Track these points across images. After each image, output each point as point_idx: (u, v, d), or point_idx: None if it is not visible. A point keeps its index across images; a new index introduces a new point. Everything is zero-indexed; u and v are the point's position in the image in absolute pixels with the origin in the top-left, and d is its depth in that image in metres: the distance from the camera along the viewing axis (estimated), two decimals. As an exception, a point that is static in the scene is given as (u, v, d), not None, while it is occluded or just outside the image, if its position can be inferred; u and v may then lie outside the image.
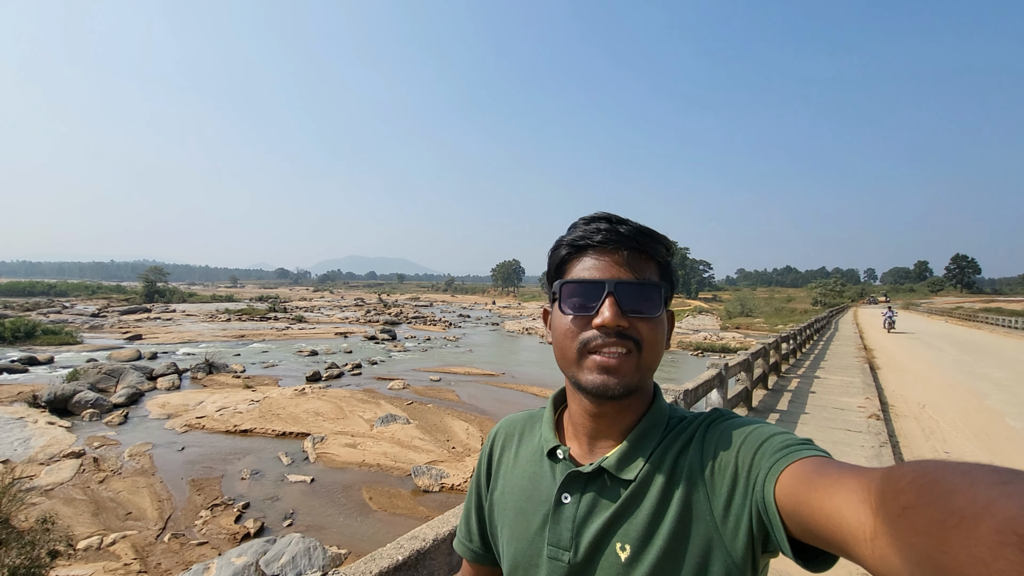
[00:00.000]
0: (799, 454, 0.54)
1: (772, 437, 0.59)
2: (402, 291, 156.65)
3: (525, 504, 0.74)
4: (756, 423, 0.64)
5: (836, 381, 10.13)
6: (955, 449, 6.45)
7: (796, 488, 0.50)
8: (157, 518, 7.47)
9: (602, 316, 0.64)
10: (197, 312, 49.21)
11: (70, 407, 13.08)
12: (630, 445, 0.68)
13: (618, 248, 0.67)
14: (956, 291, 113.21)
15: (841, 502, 0.43)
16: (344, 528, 7.27)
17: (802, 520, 0.48)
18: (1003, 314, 41.94)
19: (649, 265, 0.68)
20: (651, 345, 0.65)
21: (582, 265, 0.69)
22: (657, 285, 0.66)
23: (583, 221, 0.71)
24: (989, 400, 9.10)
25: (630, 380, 0.65)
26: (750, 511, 0.56)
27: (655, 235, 0.69)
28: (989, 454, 6.25)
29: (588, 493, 0.68)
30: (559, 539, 0.68)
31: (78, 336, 27.21)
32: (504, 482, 0.79)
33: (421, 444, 10.62)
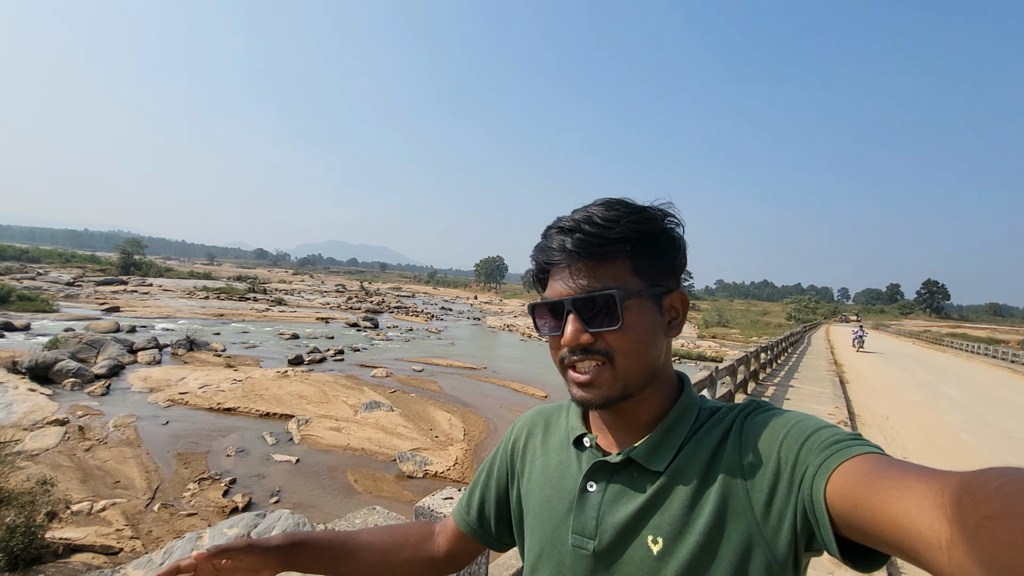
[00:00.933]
0: (852, 451, 0.51)
1: (819, 431, 0.56)
2: (384, 280, 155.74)
3: (551, 492, 0.74)
4: (798, 415, 0.62)
5: (808, 391, 10.81)
6: (913, 456, 7.01)
7: (852, 489, 0.47)
8: (145, 488, 7.62)
9: (564, 336, 0.64)
10: (174, 288, 48.44)
11: (51, 375, 13.01)
12: (659, 436, 0.67)
13: (574, 261, 0.65)
14: (925, 315, 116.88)
15: (910, 506, 0.40)
16: (330, 508, 7.51)
17: (859, 522, 0.46)
18: (968, 339, 43.88)
19: (611, 269, 0.64)
20: (624, 353, 0.64)
21: (550, 283, 0.69)
22: (611, 294, 0.62)
23: (551, 232, 0.68)
24: (947, 416, 9.82)
25: (608, 391, 0.64)
26: (795, 508, 0.54)
27: (611, 232, 0.63)
28: (942, 461, 6.80)
29: (615, 483, 0.68)
30: (583, 527, 0.68)
31: (54, 304, 26.74)
32: (531, 471, 0.79)
33: (405, 432, 10.88)
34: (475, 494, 0.87)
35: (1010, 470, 0.34)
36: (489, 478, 0.86)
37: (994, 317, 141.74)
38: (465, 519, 0.87)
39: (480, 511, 0.86)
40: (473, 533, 0.86)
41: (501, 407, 14.07)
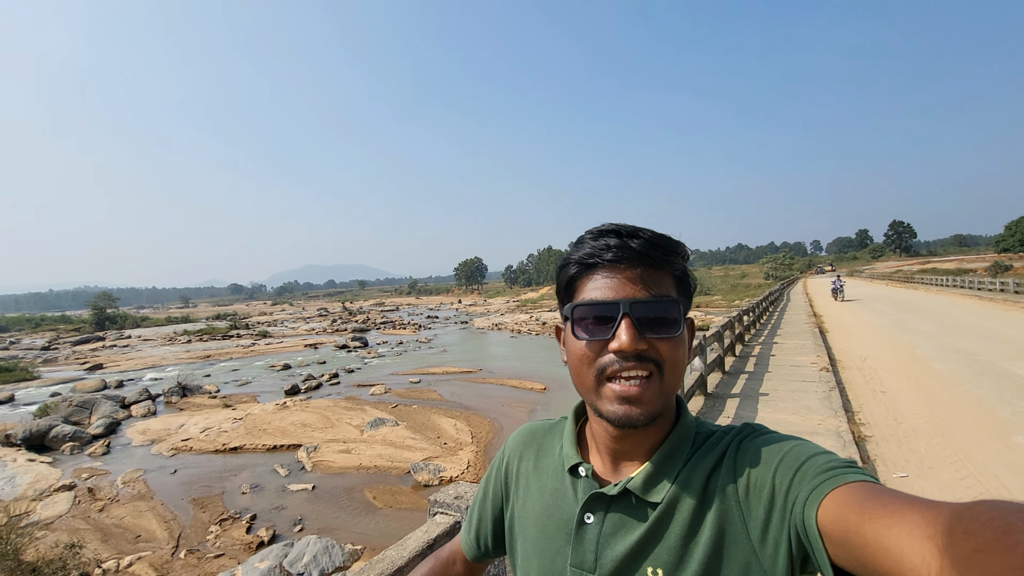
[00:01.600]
0: (844, 478, 0.51)
1: (813, 457, 0.56)
2: (365, 297, 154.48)
3: (546, 522, 0.72)
4: (792, 440, 0.61)
5: (791, 344, 11.40)
6: (889, 389, 7.54)
7: (845, 515, 0.47)
8: (168, 537, 7.68)
9: (619, 340, 0.60)
10: (154, 336, 47.56)
11: (47, 442, 12.86)
12: (656, 466, 0.65)
13: (631, 264, 0.63)
14: (896, 255, 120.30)
15: (902, 536, 0.41)
16: (354, 527, 7.67)
17: (852, 550, 0.46)
18: (937, 273, 45.59)
19: (665, 279, 0.64)
20: (673, 366, 0.62)
21: (593, 284, 0.64)
22: (676, 301, 0.62)
23: (590, 235, 0.66)
24: (919, 350, 10.44)
25: (653, 407, 0.61)
26: (788, 534, 0.54)
27: (670, 245, 0.64)
28: (916, 391, 7.33)
29: (612, 514, 0.66)
30: (582, 560, 0.66)
31: (34, 371, 26.13)
32: (524, 495, 0.77)
33: (413, 443, 11.05)
34: (475, 517, 0.87)
35: (1000, 504, 0.35)
36: (485, 498, 0.85)
37: (960, 248, 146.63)
38: (467, 540, 0.87)
39: (478, 533, 0.85)
40: (475, 557, 0.87)
41: (503, 406, 14.30)
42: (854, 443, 5.10)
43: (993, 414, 6.05)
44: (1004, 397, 6.69)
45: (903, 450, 5.19)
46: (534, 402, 14.53)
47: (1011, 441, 5.14)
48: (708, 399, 6.83)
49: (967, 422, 5.88)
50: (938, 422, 5.95)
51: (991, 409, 6.23)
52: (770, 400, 6.81)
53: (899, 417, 6.25)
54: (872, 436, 5.61)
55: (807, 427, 5.55)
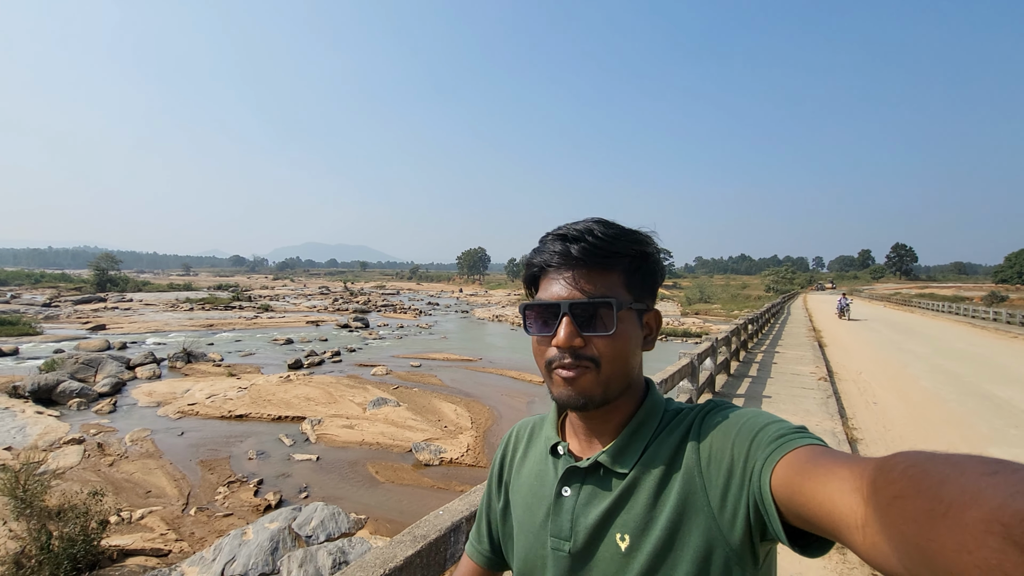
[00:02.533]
0: (794, 443, 0.55)
1: (767, 426, 0.60)
2: (366, 279, 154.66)
3: (531, 500, 0.78)
4: (750, 412, 0.66)
5: (792, 355, 11.93)
6: (881, 400, 8.07)
7: (791, 478, 0.51)
8: (177, 495, 7.96)
9: (557, 337, 0.67)
10: (156, 301, 47.79)
11: (54, 396, 13.14)
12: (624, 440, 0.71)
13: (574, 268, 0.69)
14: (895, 278, 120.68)
15: (834, 491, 0.45)
16: (358, 498, 7.95)
17: (796, 508, 0.50)
18: (935, 299, 45.89)
19: (608, 279, 0.69)
20: (610, 360, 0.68)
21: (544, 285, 0.72)
22: (610, 302, 0.67)
23: (549, 239, 0.73)
24: (909, 368, 11.03)
25: (591, 393, 0.68)
26: (747, 501, 0.58)
27: (614, 247, 0.69)
28: (904, 404, 7.85)
29: (586, 486, 0.71)
30: (560, 530, 0.71)
31: (37, 327, 26.38)
32: (516, 482, 0.83)
33: (415, 424, 11.34)
34: (483, 521, 0.89)
35: (915, 454, 0.38)
36: (490, 498, 0.89)
37: (959, 275, 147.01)
38: (477, 549, 0.89)
39: (490, 536, 0.88)
40: (488, 563, 0.88)
41: (502, 395, 14.59)
42: (847, 442, 5.58)
43: (973, 429, 6.56)
44: (984, 415, 7.19)
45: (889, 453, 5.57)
46: (533, 394, 14.81)
47: (986, 452, 5.44)
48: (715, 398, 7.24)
49: (949, 434, 6.39)
50: (923, 432, 6.46)
51: (972, 425, 6.74)
52: (772, 402, 7.28)
53: (888, 425, 6.74)
54: (863, 439, 6.08)
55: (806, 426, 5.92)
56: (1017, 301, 46.17)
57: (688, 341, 27.60)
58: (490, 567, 0.88)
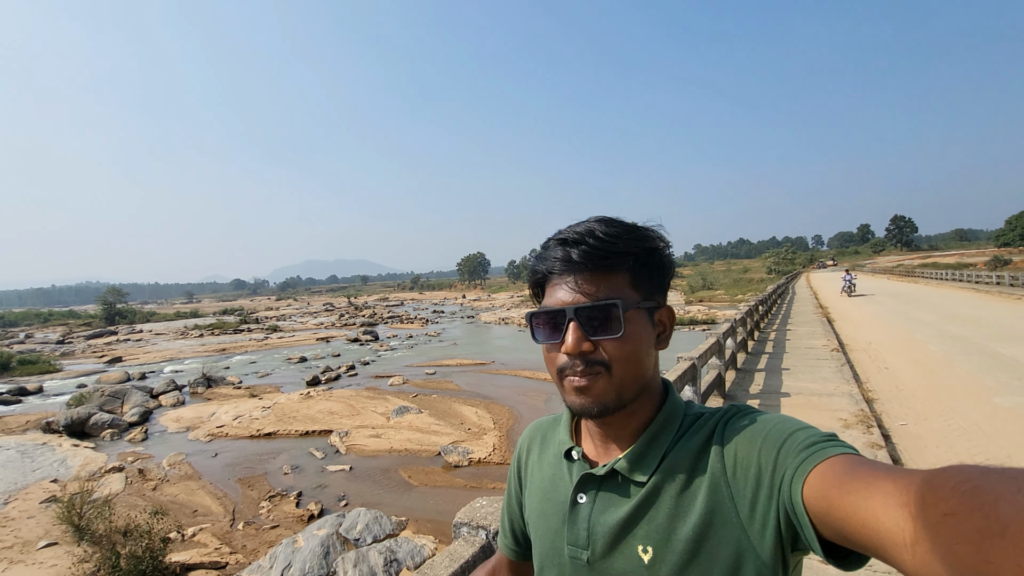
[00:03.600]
0: (826, 452, 0.53)
1: (795, 433, 0.58)
2: (368, 292, 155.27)
3: (545, 505, 0.77)
4: (776, 417, 0.63)
5: (803, 331, 12.62)
6: (892, 365, 8.68)
7: (827, 490, 0.49)
8: (223, 512, 8.32)
9: (566, 344, 0.66)
10: (165, 330, 48.31)
11: (87, 429, 13.52)
12: (642, 447, 0.69)
13: (577, 273, 0.68)
14: (897, 250, 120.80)
15: (878, 506, 0.42)
16: (395, 502, 8.30)
17: (834, 523, 0.47)
18: (938, 268, 46.26)
19: (614, 280, 0.68)
20: (621, 362, 0.66)
21: (550, 291, 0.71)
22: (615, 304, 0.65)
23: (551, 244, 0.72)
24: (918, 335, 11.61)
25: (604, 399, 0.66)
26: (777, 512, 0.56)
27: (615, 248, 0.67)
28: (914, 366, 8.46)
29: (603, 493, 0.70)
30: (576, 538, 0.70)
31: (55, 364, 26.80)
32: (530, 484, 0.83)
33: (439, 428, 11.69)
34: (505, 518, 0.91)
35: (967, 468, 0.36)
36: (510, 498, 0.90)
37: (961, 242, 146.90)
38: (505, 543, 0.91)
39: (513, 532, 0.89)
40: (518, 556, 0.90)
41: (519, 395, 14.94)
42: (864, 401, 6.17)
43: (979, 383, 7.12)
44: (989, 370, 7.74)
45: (903, 408, 6.31)
46: (549, 391, 15.15)
47: (991, 401, 6.28)
48: (739, 374, 8.02)
49: (956, 389, 6.93)
50: (932, 389, 7.02)
51: (977, 379, 7.29)
52: (791, 372, 7.91)
53: (900, 385, 7.32)
54: (878, 398, 6.69)
55: (825, 390, 6.75)
56: (1021, 263, 46.47)
57: (696, 329, 27.91)
58: (519, 559, 0.90)
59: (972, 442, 5.24)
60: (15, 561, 6.74)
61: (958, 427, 5.56)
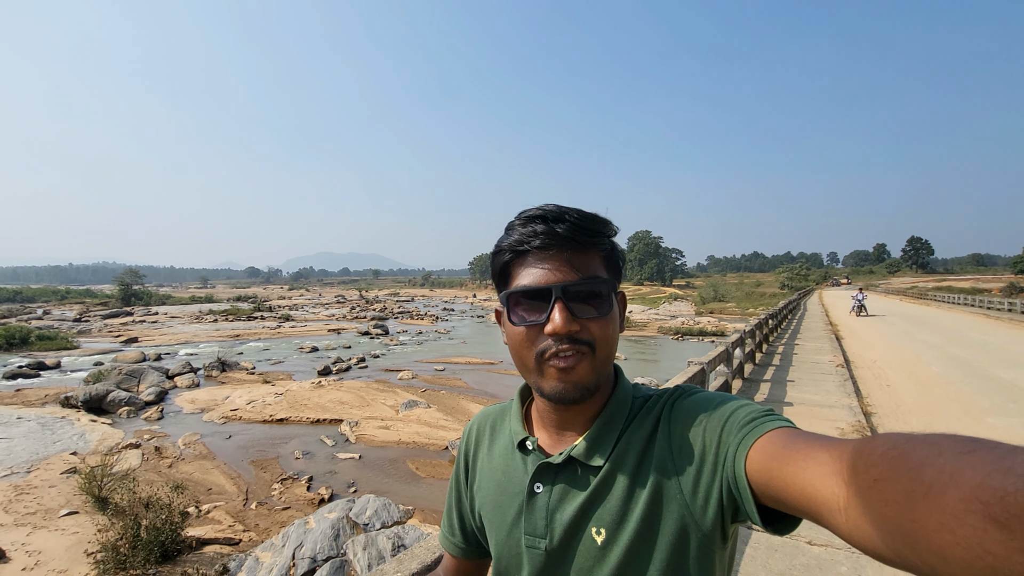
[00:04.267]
0: (765, 427, 0.56)
1: (736, 411, 0.61)
2: (379, 287, 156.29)
3: (500, 497, 0.76)
4: (718, 397, 0.65)
5: (811, 347, 12.85)
6: (893, 383, 9.01)
7: (767, 463, 0.52)
8: (236, 491, 8.60)
9: (553, 323, 0.63)
10: (180, 314, 49.09)
11: (104, 406, 13.91)
12: (597, 432, 0.69)
13: (560, 249, 0.65)
14: (912, 272, 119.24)
15: (814, 475, 0.45)
16: (403, 491, 8.52)
17: (774, 492, 0.51)
18: (952, 292, 45.73)
19: (593, 259, 0.67)
20: (604, 343, 0.66)
21: (526, 271, 0.67)
22: (605, 280, 0.66)
23: (519, 222, 0.69)
24: (923, 356, 11.87)
25: (588, 383, 0.65)
26: (720, 486, 0.58)
27: (596, 225, 0.66)
28: (915, 385, 8.79)
29: (559, 482, 0.70)
30: (534, 528, 0.70)
31: (73, 341, 27.43)
32: (480, 477, 0.81)
33: (447, 424, 11.91)
34: (452, 515, 0.88)
35: (894, 436, 0.39)
36: (459, 493, 0.87)
37: (977, 267, 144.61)
38: (452, 542, 0.87)
39: (462, 529, 0.86)
40: (464, 553, 0.86)
41: (527, 395, 15.12)
42: (862, 414, 6.51)
43: (975, 404, 7.47)
44: (987, 393, 8.03)
45: (899, 422, 6.66)
46: (556, 394, 15.32)
47: (984, 420, 6.66)
48: (744, 383, 8.25)
49: (953, 408, 7.28)
50: (929, 406, 7.37)
51: (974, 400, 7.63)
52: (796, 384, 8.16)
53: (898, 402, 7.61)
54: (876, 413, 6.99)
55: (826, 402, 7.05)
56: (1038, 291, 45.72)
57: (704, 340, 27.92)
58: (466, 557, 0.87)
59: None
60: (38, 527, 7.04)
61: None
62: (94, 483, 7.78)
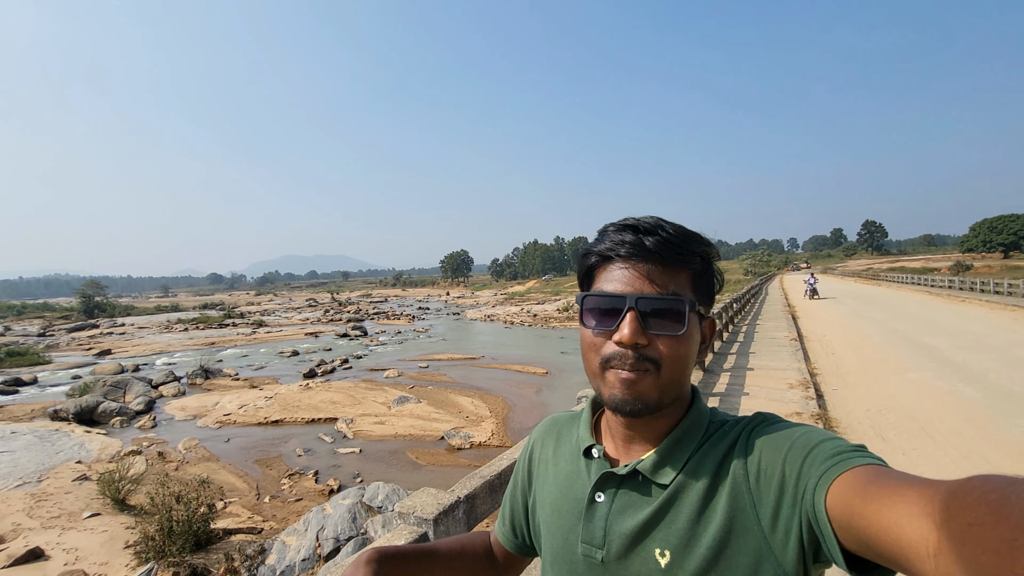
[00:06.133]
0: (852, 462, 0.51)
1: (822, 443, 0.57)
2: (349, 288, 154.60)
3: (561, 501, 0.75)
4: (802, 427, 0.62)
5: (770, 325, 14.94)
6: (837, 352, 10.88)
7: (850, 499, 0.48)
8: (248, 488, 9.10)
9: (621, 332, 0.63)
10: (148, 324, 48.06)
11: (95, 417, 14.07)
12: (666, 449, 0.67)
13: (644, 261, 0.65)
14: (867, 254, 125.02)
15: (901, 515, 0.41)
16: (407, 479, 9.18)
17: (857, 532, 0.47)
18: (904, 271, 48.75)
19: (678, 277, 0.66)
20: (672, 363, 0.64)
21: (607, 276, 0.67)
22: (682, 300, 0.63)
23: (613, 228, 0.68)
24: (865, 330, 14.02)
25: (648, 399, 0.64)
26: (800, 521, 0.55)
27: (688, 244, 0.65)
28: (855, 353, 10.64)
29: (622, 493, 0.69)
30: (592, 537, 0.69)
31: (45, 356, 26.88)
32: (543, 479, 0.81)
33: (439, 416, 12.57)
34: (506, 507, 0.90)
35: (994, 478, 0.35)
36: (515, 489, 0.88)
37: (928, 247, 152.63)
38: (502, 531, 0.90)
39: (512, 523, 0.88)
40: (512, 545, 0.88)
41: (511, 387, 15.88)
42: (808, 374, 8.24)
43: (900, 364, 9.38)
44: (912, 356, 10.01)
45: (838, 380, 8.41)
46: (539, 384, 16.13)
47: (905, 376, 8.51)
48: (715, 356, 9.98)
49: (882, 368, 9.15)
50: (864, 367, 9.28)
51: (900, 362, 9.53)
52: (756, 355, 9.99)
53: (839, 365, 9.49)
54: (820, 373, 8.84)
55: (780, 366, 8.81)
56: (981, 269, 48.96)
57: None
58: (514, 550, 0.88)
59: (880, 401, 7.13)
60: (67, 528, 7.44)
61: (874, 392, 7.59)
62: (113, 486, 8.20)
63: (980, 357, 9.55)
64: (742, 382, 7.81)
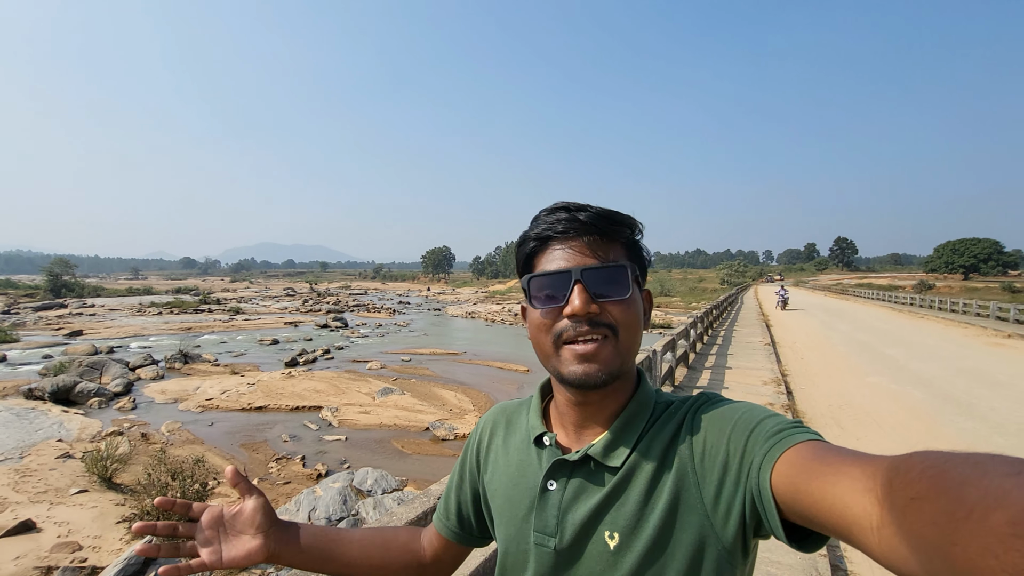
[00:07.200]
0: (793, 439, 0.54)
1: (763, 421, 0.59)
2: (328, 279, 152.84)
3: (512, 491, 0.75)
4: (744, 406, 0.64)
5: (746, 331, 16.43)
6: (806, 357, 12.24)
7: (794, 477, 0.50)
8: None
9: (571, 305, 0.64)
10: (120, 306, 46.98)
11: (72, 397, 13.91)
12: (616, 432, 0.68)
13: (581, 235, 0.67)
14: (838, 269, 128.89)
15: (845, 491, 0.43)
16: (393, 466, 9.40)
17: (801, 507, 0.49)
18: (871, 288, 50.80)
19: (614, 248, 0.68)
20: (627, 327, 0.65)
21: (548, 257, 0.69)
22: (623, 266, 0.66)
23: (544, 213, 0.71)
24: (831, 339, 15.71)
25: (611, 366, 0.65)
26: (743, 498, 0.57)
27: (618, 217, 0.68)
28: (821, 358, 12.07)
29: (574, 480, 0.69)
30: (545, 525, 0.69)
31: (12, 334, 26.16)
32: (493, 469, 0.81)
33: (423, 408, 12.82)
34: (451, 498, 0.88)
35: (933, 454, 0.37)
36: (462, 480, 0.88)
37: (895, 266, 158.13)
38: (445, 524, 0.88)
39: (459, 514, 0.87)
40: (455, 537, 0.87)
41: (493, 382, 16.21)
42: (780, 374, 9.16)
43: (861, 369, 10.82)
44: (871, 362, 11.53)
45: (806, 380, 9.79)
46: (520, 380, 16.49)
47: (864, 379, 9.72)
48: (696, 356, 11.00)
49: (844, 372, 10.57)
50: (828, 371, 10.68)
51: (861, 368, 10.89)
52: (734, 356, 11.16)
53: (807, 368, 11.10)
54: (791, 373, 10.02)
55: (755, 367, 9.78)
56: (943, 288, 51.18)
57: (652, 332, 29.91)
58: (457, 541, 0.88)
59: (841, 398, 8.34)
60: (55, 503, 7.49)
61: (836, 391, 8.84)
62: (100, 464, 8.25)
63: (930, 366, 10.98)
64: (722, 378, 8.81)
